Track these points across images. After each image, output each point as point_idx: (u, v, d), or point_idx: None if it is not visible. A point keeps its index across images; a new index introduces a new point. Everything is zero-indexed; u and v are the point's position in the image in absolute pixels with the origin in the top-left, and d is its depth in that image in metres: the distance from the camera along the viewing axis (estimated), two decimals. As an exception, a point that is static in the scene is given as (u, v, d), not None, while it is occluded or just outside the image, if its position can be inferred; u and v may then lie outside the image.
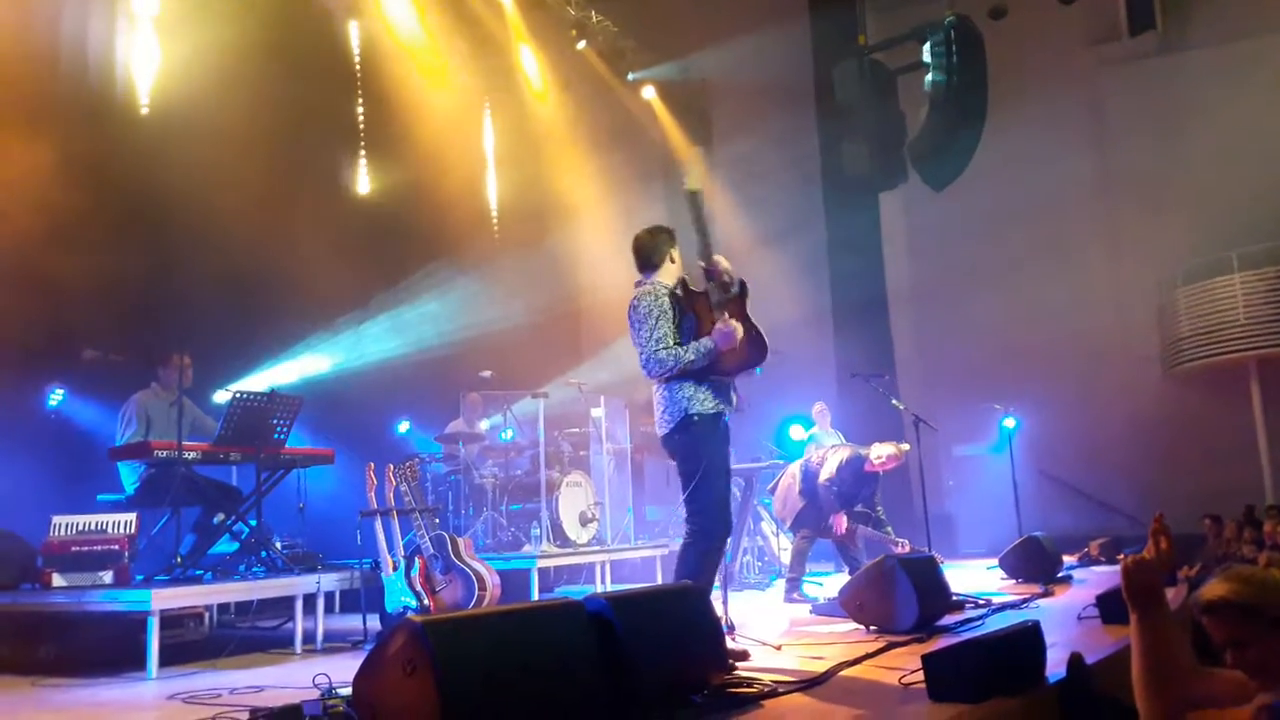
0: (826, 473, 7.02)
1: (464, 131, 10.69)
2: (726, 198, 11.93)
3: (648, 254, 4.46)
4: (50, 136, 6.42)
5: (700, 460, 4.14)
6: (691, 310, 4.26)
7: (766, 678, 3.50)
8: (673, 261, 4.47)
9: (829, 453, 7.29)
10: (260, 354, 7.87)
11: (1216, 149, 10.12)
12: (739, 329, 4.14)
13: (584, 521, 7.88)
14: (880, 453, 6.91)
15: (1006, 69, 11.40)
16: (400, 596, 5.53)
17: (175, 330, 5.86)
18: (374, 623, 5.55)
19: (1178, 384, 10.74)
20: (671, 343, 4.18)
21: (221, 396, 6.93)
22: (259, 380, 7.14)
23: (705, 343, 4.13)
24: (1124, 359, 10.99)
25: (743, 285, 4.31)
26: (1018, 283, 11.15)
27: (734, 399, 4.34)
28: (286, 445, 5.89)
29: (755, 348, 4.24)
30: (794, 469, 7.55)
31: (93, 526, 5.10)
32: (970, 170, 11.71)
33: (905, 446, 7.14)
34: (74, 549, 4.96)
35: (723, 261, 4.27)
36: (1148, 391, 10.81)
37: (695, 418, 4.16)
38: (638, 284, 4.44)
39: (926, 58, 11.71)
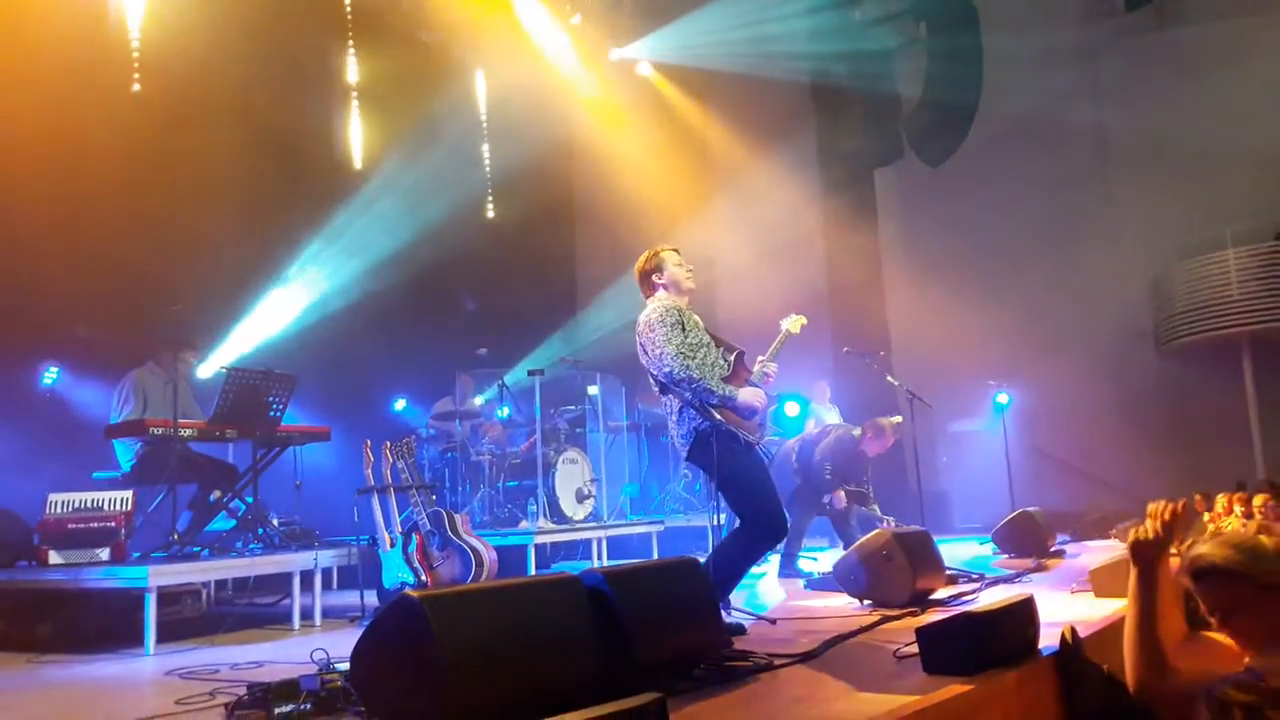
0: (820, 451, 7.07)
1: (457, 97, 10.62)
2: (723, 178, 11.90)
3: (649, 274, 4.61)
4: (46, 112, 6.37)
5: (724, 475, 4.27)
6: (732, 365, 4.51)
7: (762, 651, 3.53)
8: (662, 286, 4.57)
9: (829, 430, 7.34)
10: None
11: (1213, 125, 10.08)
12: (761, 400, 4.43)
13: (580, 498, 7.91)
14: (883, 424, 6.97)
15: (1001, 44, 11.35)
16: (397, 572, 5.55)
17: (173, 312, 5.81)
18: (371, 599, 5.58)
19: (1171, 360, 10.76)
20: (684, 353, 4.31)
21: (205, 371, 6.95)
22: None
23: (731, 393, 4.32)
24: (1117, 335, 10.99)
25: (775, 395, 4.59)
26: (1012, 259, 11.14)
27: (758, 429, 4.45)
28: (282, 423, 5.89)
29: (759, 431, 4.46)
30: (791, 445, 7.58)
31: (89, 504, 5.11)
32: (965, 147, 11.70)
33: (897, 419, 7.19)
34: (70, 526, 4.97)
35: (773, 369, 4.67)
36: (1141, 367, 10.83)
37: (708, 433, 4.27)
38: (647, 306, 4.54)
39: (922, 34, 11.69)
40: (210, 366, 7.19)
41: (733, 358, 4.58)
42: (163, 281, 7.19)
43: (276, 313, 8.07)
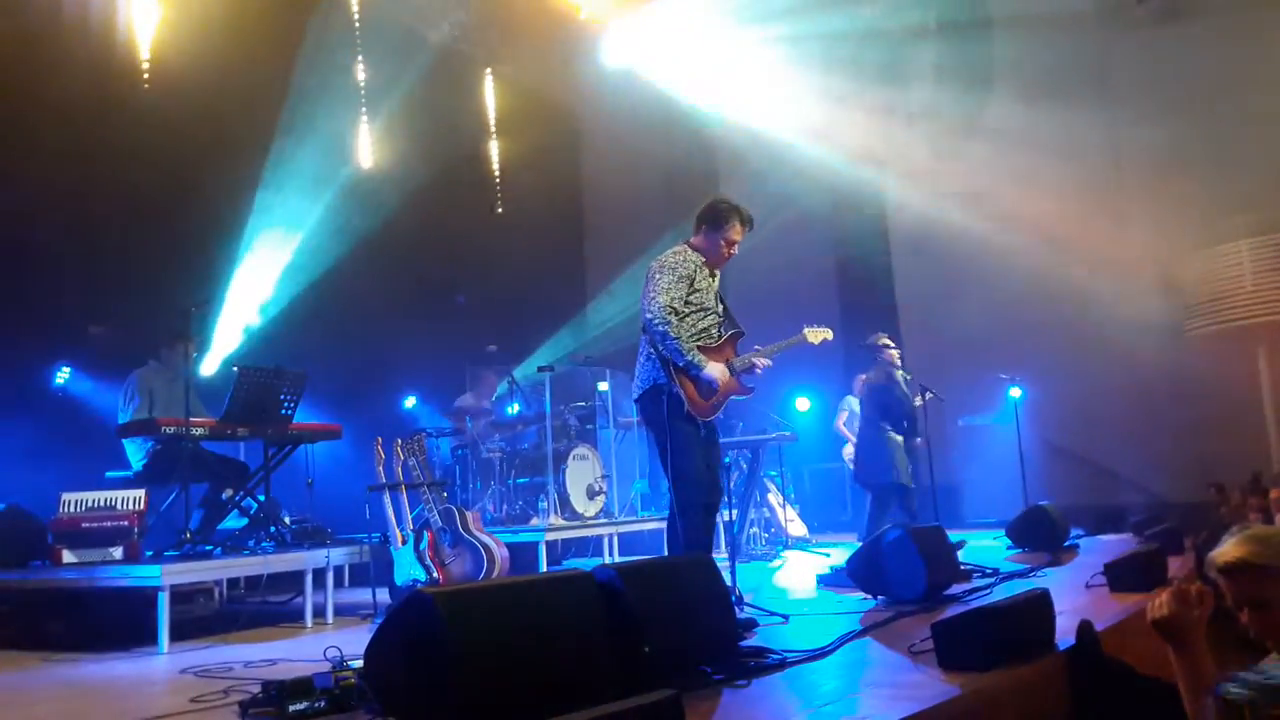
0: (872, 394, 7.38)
1: (465, 99, 10.62)
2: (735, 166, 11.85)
3: (709, 218, 4.60)
4: (56, 112, 6.39)
5: (666, 433, 4.33)
6: (722, 340, 4.56)
7: (776, 648, 3.51)
8: (720, 232, 4.56)
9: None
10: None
11: (1225, 116, 10.00)
12: (720, 388, 4.45)
13: (591, 494, 7.90)
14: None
15: (1011, 32, 11.27)
16: (409, 570, 5.55)
17: (180, 308, 5.83)
18: (383, 596, 5.58)
19: (1185, 352, 10.66)
20: (678, 309, 4.35)
21: (209, 367, 6.97)
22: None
23: (699, 361, 4.35)
24: (1130, 327, 10.89)
25: (750, 389, 4.70)
26: (1023, 251, 11.07)
27: (708, 408, 4.51)
28: (294, 421, 5.89)
29: (709, 410, 4.52)
30: (848, 403, 7.89)
31: (102, 503, 5.12)
32: (974, 137, 11.63)
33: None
34: (84, 525, 4.99)
35: (763, 363, 4.71)
36: (1155, 360, 10.73)
37: (663, 389, 4.33)
38: (682, 245, 4.58)
39: (931, 22, 11.62)
40: (214, 363, 7.23)
41: (726, 335, 4.62)
42: (174, 281, 7.23)
43: (286, 311, 8.08)
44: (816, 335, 5.11)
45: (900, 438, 7.27)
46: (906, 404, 7.27)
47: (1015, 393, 9.90)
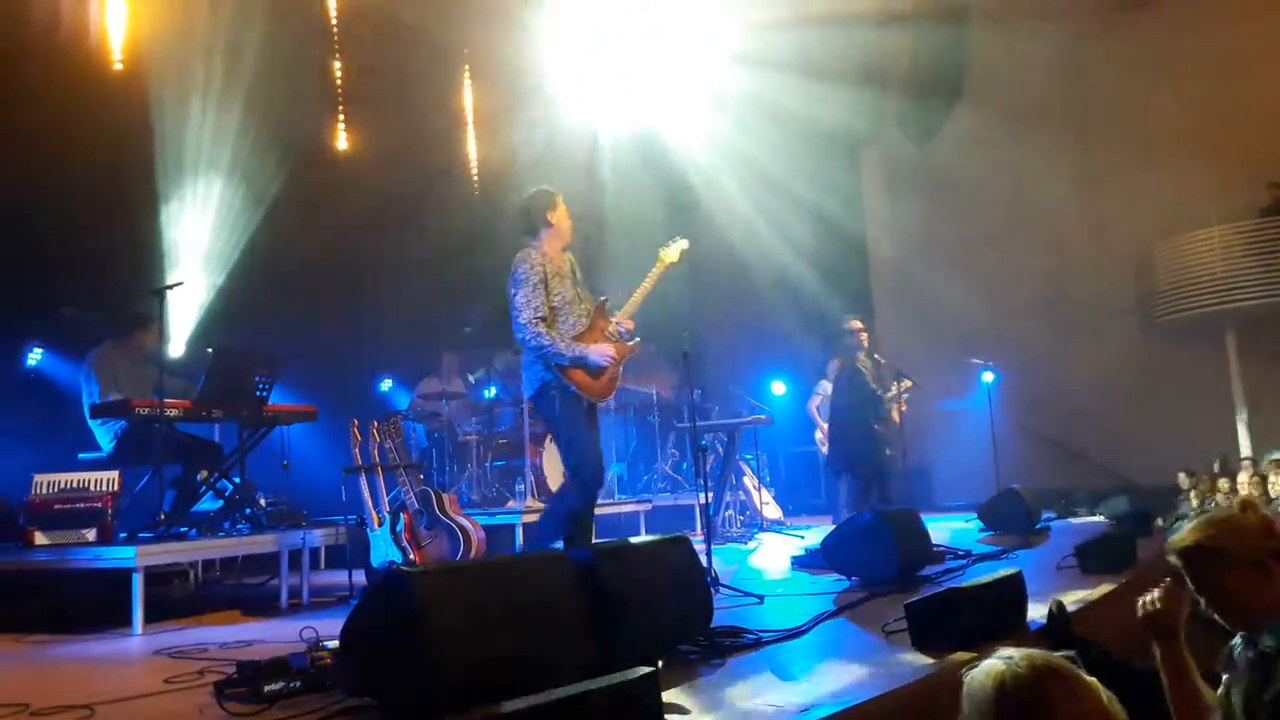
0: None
1: (443, 89, 10.52)
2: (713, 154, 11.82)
3: (528, 217, 4.70)
4: (27, 92, 6.28)
5: (558, 422, 4.49)
6: (591, 316, 4.65)
7: (750, 628, 3.54)
8: (550, 226, 4.68)
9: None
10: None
11: (1196, 101, 10.09)
12: (614, 360, 4.57)
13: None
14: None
15: (984, 20, 11.31)
16: (386, 552, 5.54)
17: (152, 289, 5.77)
18: (360, 578, 5.57)
19: (1155, 337, 10.81)
20: (544, 315, 4.46)
21: (177, 350, 6.91)
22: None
23: (581, 352, 4.46)
24: (1102, 312, 11.03)
25: (635, 340, 4.75)
26: (996, 237, 11.17)
27: (603, 388, 4.64)
28: (269, 403, 5.85)
29: (608, 388, 4.66)
30: (822, 387, 7.88)
31: (75, 484, 5.07)
32: (949, 125, 11.69)
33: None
34: (57, 507, 4.94)
35: (629, 325, 4.74)
36: (1125, 345, 10.87)
37: (553, 385, 4.45)
38: (523, 246, 4.66)
39: (907, 9, 11.61)
40: (179, 345, 7.17)
41: (592, 309, 4.70)
42: (144, 262, 7.15)
43: (259, 293, 8.00)
44: (675, 251, 5.02)
45: (874, 424, 7.26)
46: (871, 390, 7.25)
47: (988, 377, 10.00)
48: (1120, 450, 10.45)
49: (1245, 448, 10.19)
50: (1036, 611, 3.43)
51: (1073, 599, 3.82)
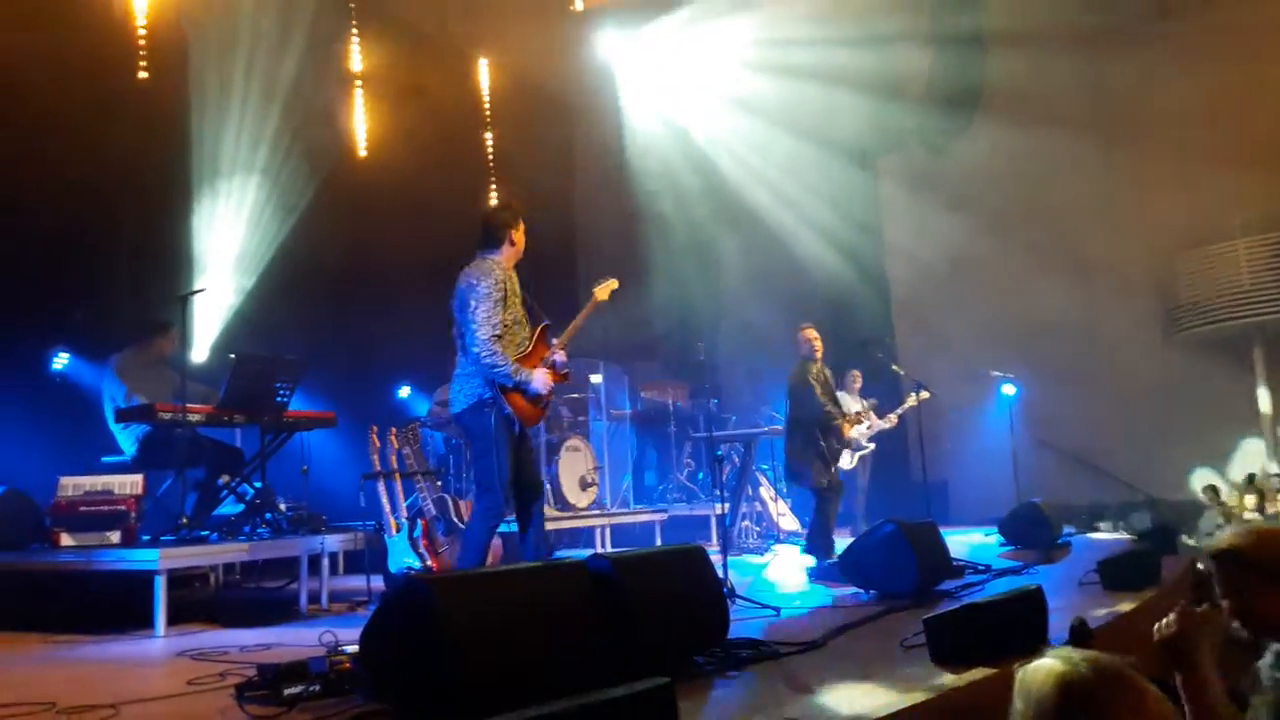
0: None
1: (460, 83, 10.59)
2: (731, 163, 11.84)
3: (493, 231, 4.70)
4: (53, 101, 6.37)
5: (490, 439, 4.45)
6: (534, 340, 4.68)
7: (767, 640, 3.53)
8: (513, 244, 4.72)
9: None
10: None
11: (1219, 112, 10.01)
12: (549, 387, 4.63)
13: (584, 486, 7.92)
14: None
15: (1003, 29, 11.26)
16: (403, 557, 5.58)
17: (174, 294, 5.84)
18: (378, 583, 5.60)
19: (1178, 351, 10.69)
20: (499, 334, 4.47)
21: (201, 355, 6.97)
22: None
23: (526, 378, 4.50)
24: (1124, 326, 10.94)
25: (567, 373, 4.82)
26: (1015, 248, 11.09)
27: (537, 415, 4.72)
28: (289, 408, 5.90)
29: (539, 415, 4.73)
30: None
31: (99, 487, 5.14)
32: (967, 134, 11.64)
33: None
34: (82, 509, 5.01)
35: (564, 355, 4.77)
36: (1148, 358, 10.77)
37: (489, 404, 4.46)
38: (478, 258, 4.65)
39: (924, 18, 11.60)
40: (202, 350, 7.24)
41: (534, 333, 4.72)
42: (168, 266, 7.23)
43: (280, 300, 8.06)
44: (605, 290, 5.04)
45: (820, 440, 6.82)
46: (818, 404, 6.78)
47: (1008, 390, 9.94)
48: (1143, 465, 10.35)
49: (1273, 464, 10.06)
50: (1058, 628, 3.40)
51: (1095, 615, 3.79)
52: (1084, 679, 1.49)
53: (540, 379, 4.55)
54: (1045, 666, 1.55)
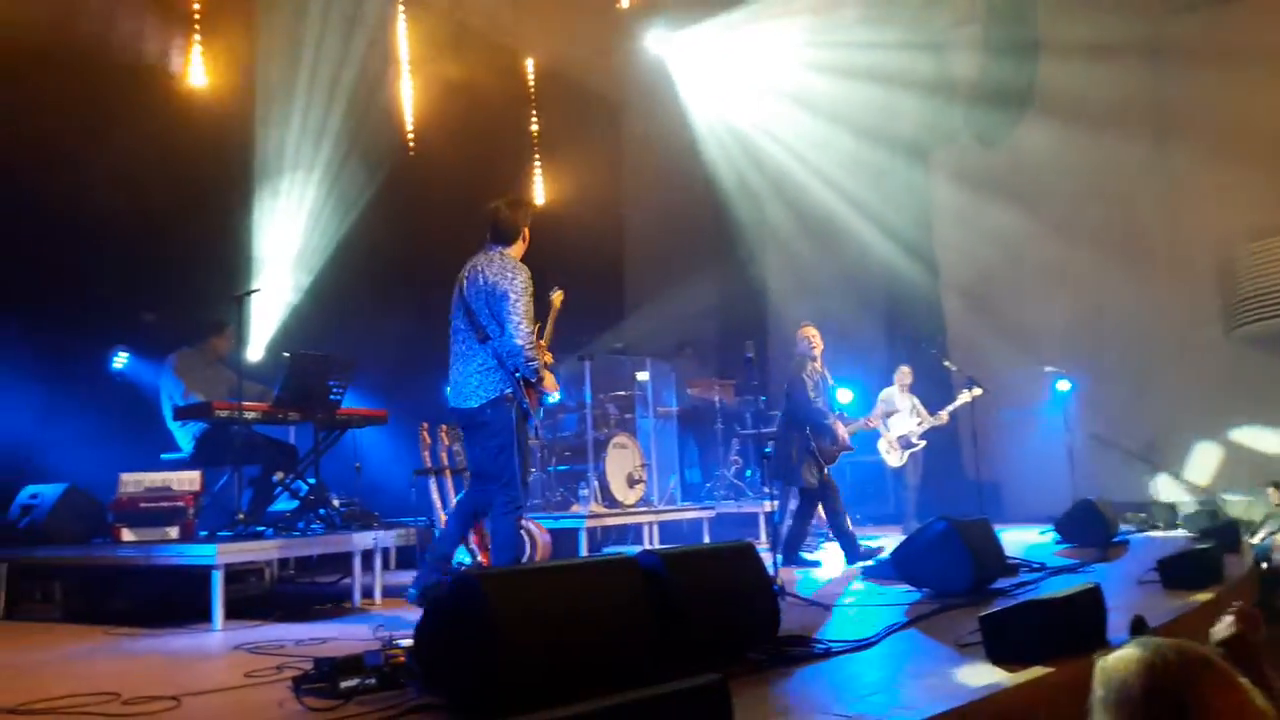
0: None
1: (507, 79, 10.67)
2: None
3: (509, 227, 4.72)
4: (110, 107, 6.53)
5: (512, 434, 4.50)
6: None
7: (820, 637, 3.50)
8: (525, 240, 4.76)
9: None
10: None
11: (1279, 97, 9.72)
12: (555, 388, 4.86)
13: (631, 483, 7.93)
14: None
15: (1059, 17, 11.05)
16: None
17: (229, 295, 5.96)
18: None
19: (1240, 345, 10.40)
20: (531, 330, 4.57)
21: (256, 353, 7.07)
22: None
23: (541, 377, 4.64)
24: (1182, 320, 10.65)
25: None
26: (1071, 240, 10.87)
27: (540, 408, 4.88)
28: (342, 406, 5.98)
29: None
30: (886, 395, 7.66)
31: (159, 484, 5.26)
32: (1021, 125, 11.43)
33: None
34: (142, 505, 5.13)
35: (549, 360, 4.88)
36: (1208, 353, 10.48)
37: (508, 397, 4.50)
38: (497, 253, 4.65)
39: (978, 10, 11.42)
40: (257, 349, 7.36)
41: (536, 331, 4.76)
42: (223, 267, 7.37)
43: (332, 299, 8.18)
44: (559, 298, 5.18)
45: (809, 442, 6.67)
46: (811, 408, 6.63)
47: (1063, 386, 9.75)
48: (1202, 462, 10.09)
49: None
50: (1117, 627, 3.33)
51: (1156, 614, 3.70)
52: (1170, 665, 1.46)
53: (550, 382, 4.74)
54: (1130, 654, 1.52)
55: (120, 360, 6.71)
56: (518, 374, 4.55)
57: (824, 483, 6.71)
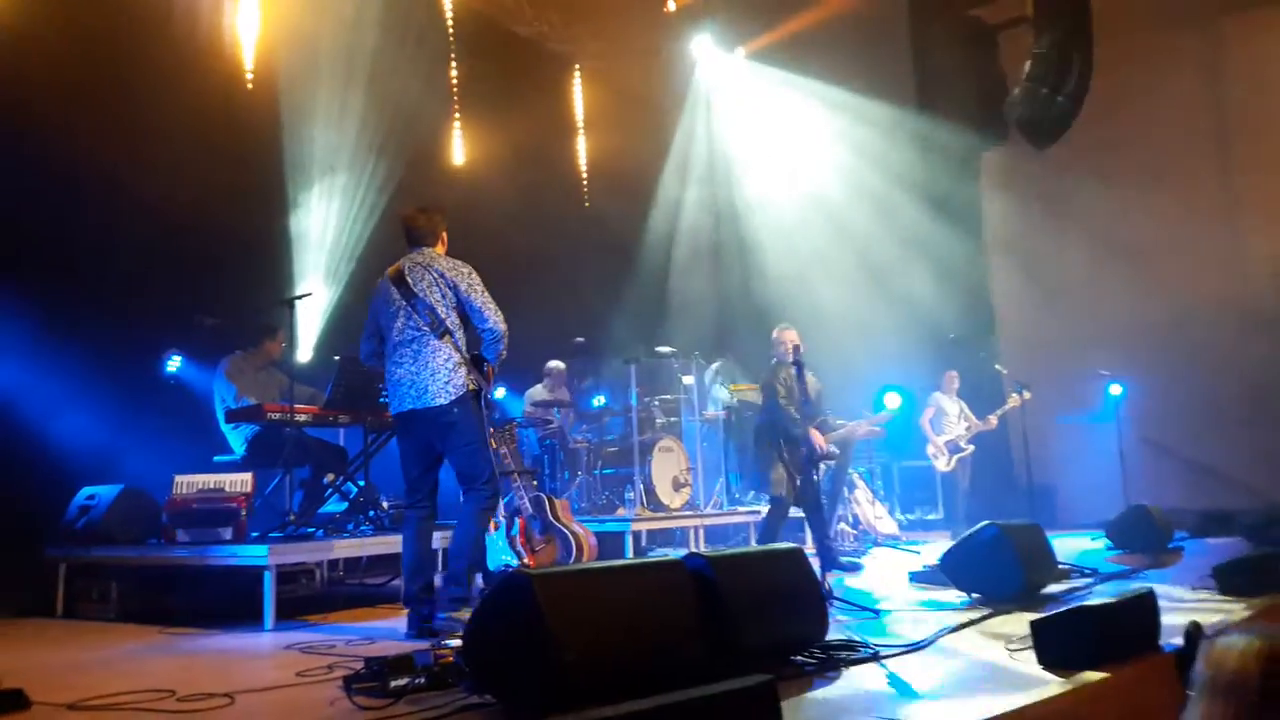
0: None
1: (556, 97, 10.76)
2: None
3: (429, 230, 4.81)
4: (165, 114, 6.68)
5: (481, 430, 4.51)
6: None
7: (868, 641, 3.48)
8: (443, 242, 4.85)
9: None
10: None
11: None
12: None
13: (676, 486, 7.92)
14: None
15: (1114, 16, 10.85)
16: (501, 555, 5.67)
17: (282, 300, 6.07)
18: (476, 580, 5.70)
19: (1299, 348, 10.14)
20: None
21: (305, 356, 7.18)
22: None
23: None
24: (1238, 323, 10.40)
25: None
26: (1124, 243, 10.67)
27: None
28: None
29: None
30: (935, 400, 7.83)
31: (212, 485, 5.36)
32: (1075, 126, 11.23)
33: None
34: (195, 506, 5.23)
35: None
36: (1264, 358, 10.22)
37: (477, 394, 4.52)
38: (430, 253, 4.71)
39: (1028, 11, 11.25)
40: (306, 350, 7.49)
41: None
42: (276, 272, 7.51)
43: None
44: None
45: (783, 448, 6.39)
46: (779, 414, 6.34)
47: (1116, 390, 9.58)
48: (1261, 467, 9.84)
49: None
50: (1170, 632, 3.27)
51: (1211, 621, 3.62)
52: None
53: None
54: (1235, 645, 1.48)
55: (174, 363, 6.85)
56: (486, 365, 4.60)
57: (801, 492, 6.31)
